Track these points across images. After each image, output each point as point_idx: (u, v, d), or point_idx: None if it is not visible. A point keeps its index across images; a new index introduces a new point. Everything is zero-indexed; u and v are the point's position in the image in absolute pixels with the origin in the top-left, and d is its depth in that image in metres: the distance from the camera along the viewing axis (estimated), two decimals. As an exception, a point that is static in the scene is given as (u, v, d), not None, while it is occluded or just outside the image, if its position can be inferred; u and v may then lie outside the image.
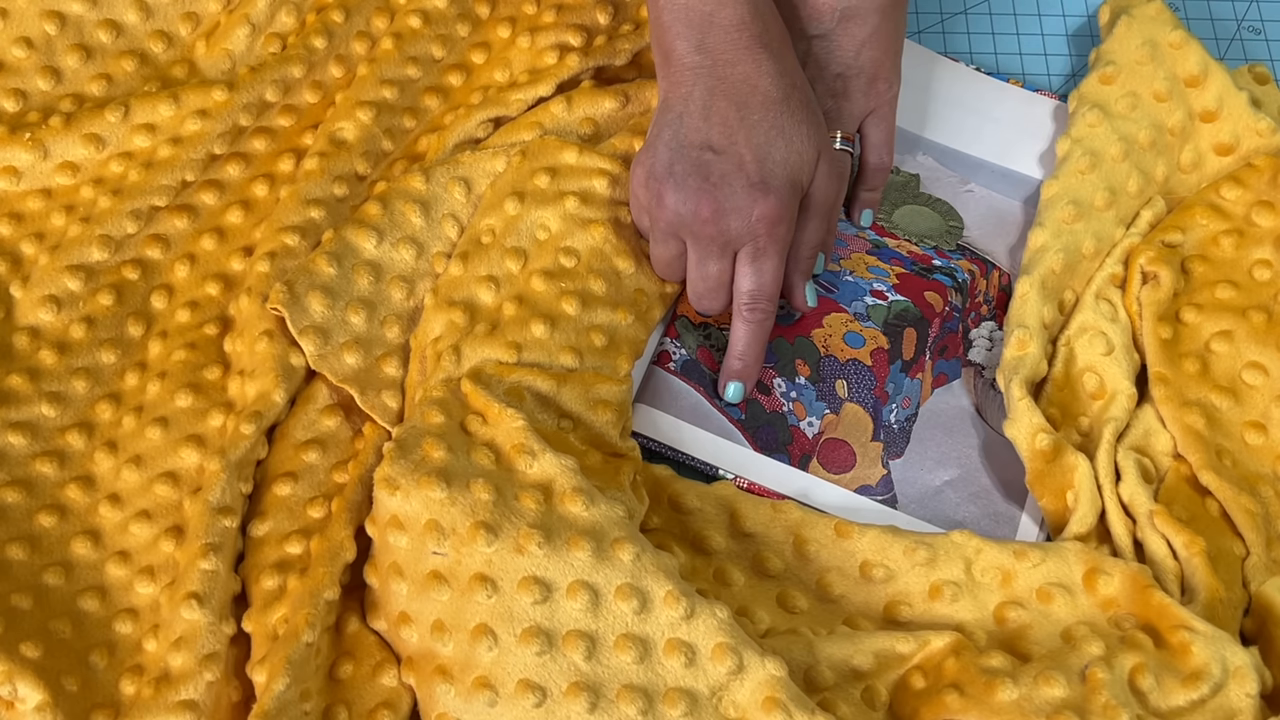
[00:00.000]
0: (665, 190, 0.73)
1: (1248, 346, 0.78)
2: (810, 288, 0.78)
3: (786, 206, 0.73)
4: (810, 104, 0.74)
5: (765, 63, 0.72)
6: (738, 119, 0.72)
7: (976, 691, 0.66)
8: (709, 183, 0.72)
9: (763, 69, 0.72)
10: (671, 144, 0.73)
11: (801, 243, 0.76)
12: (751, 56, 0.72)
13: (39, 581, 0.70)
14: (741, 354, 0.76)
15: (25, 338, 0.77)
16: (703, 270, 0.75)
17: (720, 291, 0.76)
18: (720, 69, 0.72)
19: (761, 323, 0.75)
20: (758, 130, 0.72)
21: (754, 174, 0.72)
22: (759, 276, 0.74)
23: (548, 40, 0.86)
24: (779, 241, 0.73)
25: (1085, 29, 0.94)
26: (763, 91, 0.72)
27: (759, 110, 0.72)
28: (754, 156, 0.72)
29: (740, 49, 0.72)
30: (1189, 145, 0.84)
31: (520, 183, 0.80)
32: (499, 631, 0.65)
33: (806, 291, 0.78)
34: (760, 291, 0.74)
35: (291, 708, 0.65)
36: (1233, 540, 0.73)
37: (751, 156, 0.72)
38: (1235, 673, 0.66)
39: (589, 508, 0.67)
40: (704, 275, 0.75)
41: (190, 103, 0.82)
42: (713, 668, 0.64)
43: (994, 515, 0.76)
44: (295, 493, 0.73)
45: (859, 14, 0.79)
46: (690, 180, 0.72)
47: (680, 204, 0.73)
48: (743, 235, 0.73)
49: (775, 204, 0.72)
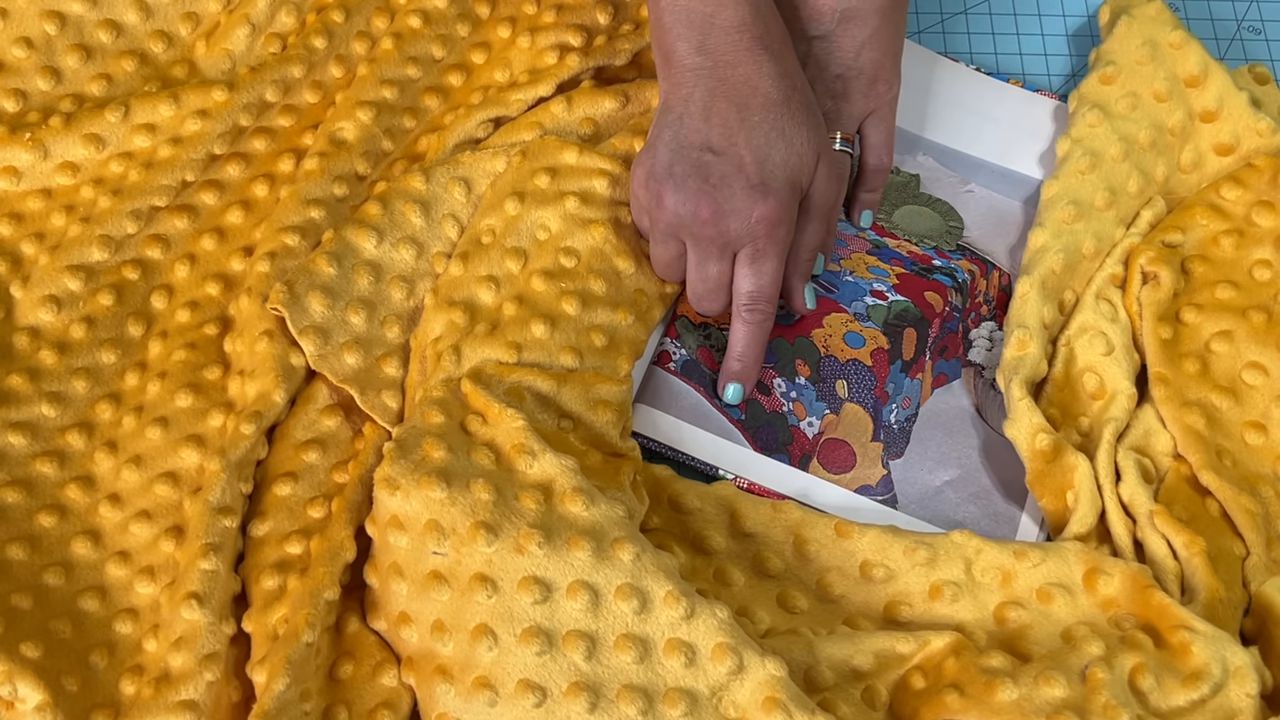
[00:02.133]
0: (665, 191, 0.73)
1: (1248, 346, 0.78)
2: (809, 289, 0.78)
3: (786, 208, 0.73)
4: (810, 106, 0.74)
5: (766, 64, 0.72)
6: (738, 120, 0.72)
7: (976, 691, 0.66)
8: (709, 184, 0.72)
9: (763, 71, 0.72)
10: (671, 145, 0.73)
11: (801, 244, 0.76)
12: (752, 58, 0.72)
13: (39, 581, 0.70)
14: (740, 355, 0.76)
15: (25, 338, 0.77)
16: (702, 271, 0.75)
17: (720, 292, 0.76)
18: (721, 70, 0.72)
19: (760, 324, 0.75)
20: (758, 132, 0.72)
21: (754, 175, 0.72)
22: (758, 278, 0.74)
23: (548, 40, 0.86)
24: (778, 243, 0.73)
25: (1085, 29, 0.94)
26: (763, 93, 0.72)
27: (759, 112, 0.72)
28: (754, 158, 0.72)
29: (741, 51, 0.72)
30: (1189, 145, 0.84)
31: (520, 183, 0.80)
32: (499, 631, 0.65)
33: (806, 293, 0.78)
34: (759, 293, 0.74)
35: (291, 708, 0.65)
36: (1233, 540, 0.73)
37: (751, 158, 0.72)
38: (1235, 673, 0.66)
39: (589, 508, 0.67)
40: (704, 276, 0.75)
41: (190, 103, 0.82)
42: (713, 668, 0.64)
43: (994, 515, 0.76)
44: (295, 493, 0.73)
45: (859, 15, 0.79)
46: (690, 181, 0.72)
47: (680, 205, 0.73)
48: (742, 237, 0.73)
49: (775, 205, 0.72)
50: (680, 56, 0.73)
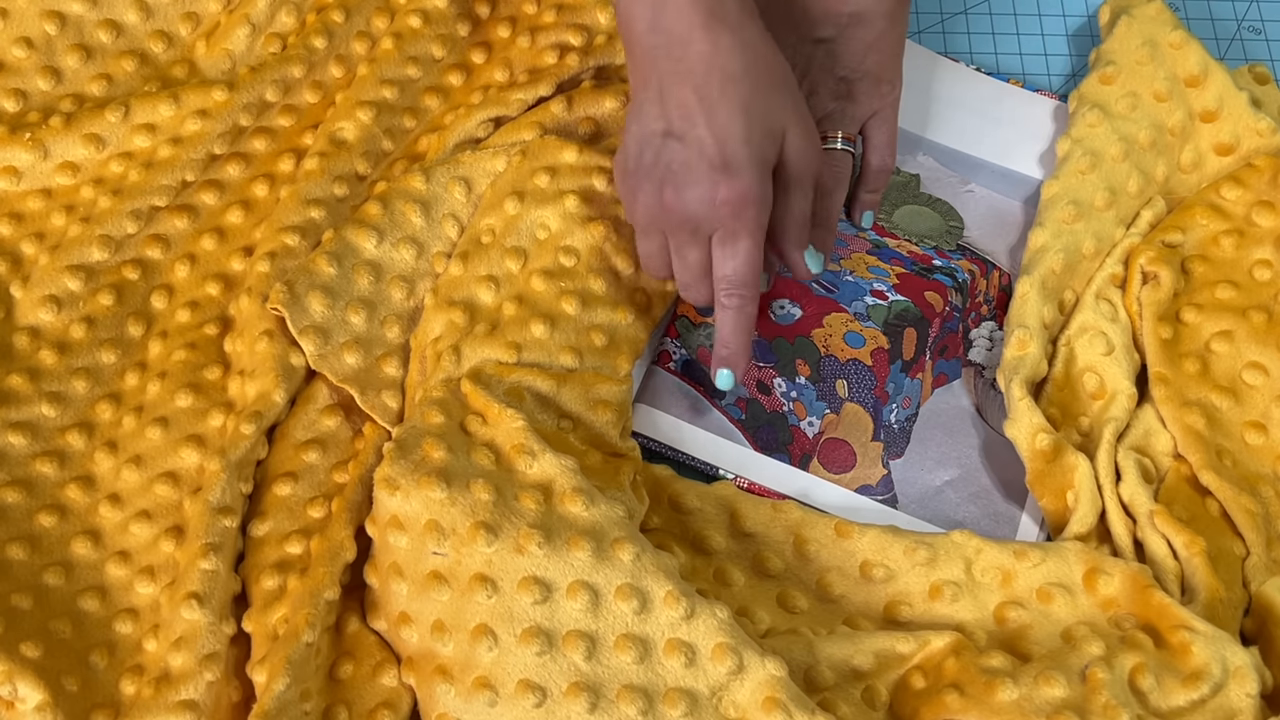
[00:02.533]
0: (635, 184, 0.72)
1: (1248, 346, 0.78)
2: (811, 254, 0.75)
3: (752, 186, 0.70)
4: (775, 73, 0.71)
5: (722, 37, 0.69)
6: (696, 102, 0.70)
7: (976, 691, 0.66)
8: (671, 171, 0.71)
9: (719, 45, 0.69)
10: (637, 136, 0.72)
11: (785, 214, 0.74)
12: (707, 34, 0.69)
13: (39, 581, 0.70)
14: (726, 341, 0.74)
15: (25, 338, 0.77)
16: (682, 260, 0.74)
17: (704, 279, 0.74)
18: (675, 49, 0.69)
19: (740, 308, 0.73)
20: (718, 111, 0.70)
21: (715, 157, 0.70)
22: (732, 260, 0.72)
23: (548, 40, 0.86)
24: (748, 223, 0.71)
25: (1085, 29, 0.94)
26: (720, 69, 0.69)
27: (717, 89, 0.69)
28: (714, 138, 0.70)
29: (696, 27, 0.69)
30: (1189, 145, 0.84)
31: (520, 182, 0.80)
32: (499, 631, 0.65)
33: (807, 258, 0.75)
34: (736, 276, 0.72)
35: (292, 708, 0.65)
36: (1233, 540, 0.73)
37: (712, 139, 0.70)
38: (1235, 673, 0.66)
39: (589, 508, 0.67)
40: (685, 265, 0.74)
41: (190, 103, 0.82)
42: (713, 668, 0.64)
43: (994, 515, 0.76)
44: (295, 493, 0.72)
45: (866, 19, 0.80)
46: (655, 171, 0.71)
47: (649, 196, 0.72)
48: (710, 220, 0.71)
49: (739, 185, 0.70)
50: (637, 36, 0.70)
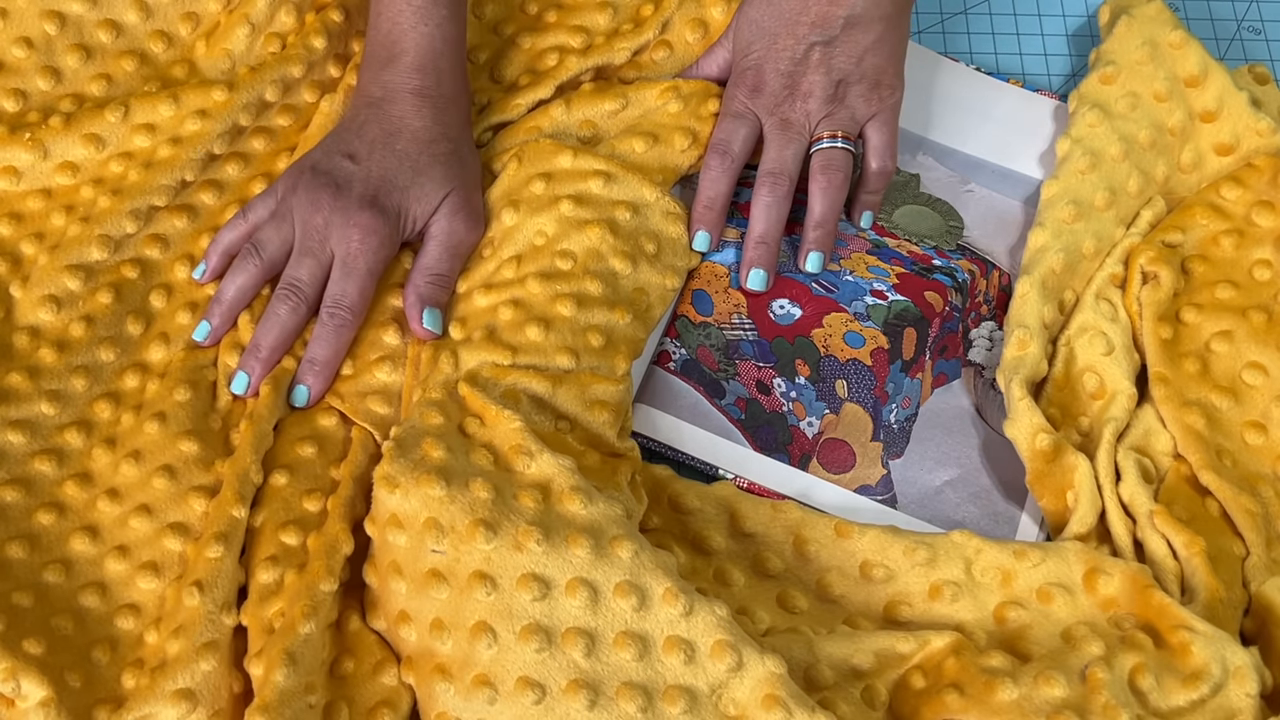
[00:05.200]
0: (300, 180, 0.77)
1: (1248, 346, 0.78)
2: (430, 312, 0.77)
3: (386, 226, 0.76)
4: (454, 156, 0.79)
5: (424, 111, 0.78)
6: (383, 143, 0.77)
7: (976, 691, 0.66)
8: (334, 182, 0.76)
9: (420, 115, 0.78)
10: (325, 146, 0.79)
11: (421, 266, 0.78)
12: (413, 104, 0.78)
13: (39, 579, 0.70)
14: (314, 358, 0.76)
15: (25, 337, 0.77)
16: (295, 269, 0.76)
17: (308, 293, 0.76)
18: (385, 105, 0.78)
19: (339, 329, 0.76)
20: (392, 157, 0.77)
21: (370, 190, 0.76)
22: (344, 283, 0.76)
23: (547, 41, 0.86)
24: (369, 254, 0.76)
25: (1085, 29, 0.94)
26: (412, 130, 0.78)
27: (404, 142, 0.78)
28: (380, 175, 0.77)
29: (406, 93, 0.78)
30: (1189, 145, 0.84)
31: (516, 191, 0.80)
32: (498, 629, 0.64)
33: (425, 316, 0.77)
34: (343, 297, 0.76)
35: (295, 699, 0.64)
36: (1233, 540, 0.73)
37: (379, 175, 0.77)
38: (1235, 673, 0.66)
39: (587, 506, 0.67)
40: (295, 274, 0.76)
41: (190, 103, 0.82)
42: (712, 665, 0.64)
43: (994, 515, 0.76)
44: (291, 483, 0.73)
45: (864, 22, 0.80)
46: (321, 178, 0.76)
47: (305, 192, 0.76)
48: (338, 240, 0.76)
49: (375, 220, 0.76)
50: (364, 84, 0.80)
